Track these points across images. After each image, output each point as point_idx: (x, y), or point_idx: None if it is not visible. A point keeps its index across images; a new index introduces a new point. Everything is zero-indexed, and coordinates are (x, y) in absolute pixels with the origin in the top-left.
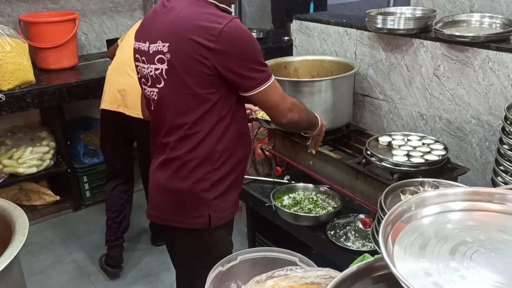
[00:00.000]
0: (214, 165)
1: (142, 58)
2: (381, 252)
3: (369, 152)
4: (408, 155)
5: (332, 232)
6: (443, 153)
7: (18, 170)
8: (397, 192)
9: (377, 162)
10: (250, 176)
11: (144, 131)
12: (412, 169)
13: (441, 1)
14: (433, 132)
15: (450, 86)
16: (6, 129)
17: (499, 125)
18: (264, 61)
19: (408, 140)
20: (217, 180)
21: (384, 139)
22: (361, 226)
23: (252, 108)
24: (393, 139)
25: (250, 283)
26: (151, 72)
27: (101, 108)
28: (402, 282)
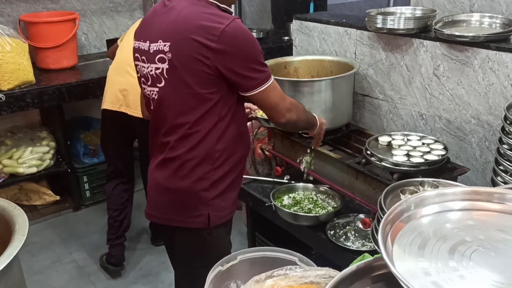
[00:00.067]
0: (214, 164)
1: (142, 58)
2: (380, 252)
3: (369, 152)
4: (408, 155)
5: (332, 232)
6: (443, 153)
7: (18, 170)
8: (397, 192)
9: (377, 162)
10: (250, 176)
11: (145, 131)
12: (412, 169)
13: (441, 1)
14: (433, 132)
15: (450, 86)
16: (6, 129)
17: (499, 125)
18: (264, 62)
19: (408, 140)
20: (217, 179)
21: (384, 139)
22: (361, 226)
23: (252, 107)
24: (393, 139)
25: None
26: (151, 71)
27: (102, 108)
28: (401, 282)
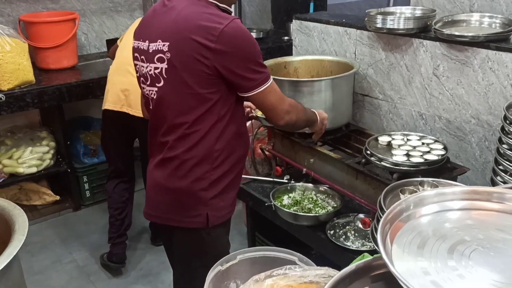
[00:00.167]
0: (212, 164)
1: (142, 57)
2: (379, 251)
3: (368, 152)
4: (408, 155)
5: (332, 232)
6: (443, 152)
7: (18, 170)
8: (397, 192)
9: (377, 162)
10: (249, 176)
11: (146, 131)
12: (412, 168)
13: (441, 1)
14: (432, 132)
15: (450, 85)
16: (6, 129)
17: (498, 125)
18: (263, 63)
19: (407, 140)
20: (216, 179)
21: (383, 139)
22: (360, 225)
23: (252, 106)
24: (393, 139)
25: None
26: (150, 71)
27: (104, 108)
28: (400, 281)
